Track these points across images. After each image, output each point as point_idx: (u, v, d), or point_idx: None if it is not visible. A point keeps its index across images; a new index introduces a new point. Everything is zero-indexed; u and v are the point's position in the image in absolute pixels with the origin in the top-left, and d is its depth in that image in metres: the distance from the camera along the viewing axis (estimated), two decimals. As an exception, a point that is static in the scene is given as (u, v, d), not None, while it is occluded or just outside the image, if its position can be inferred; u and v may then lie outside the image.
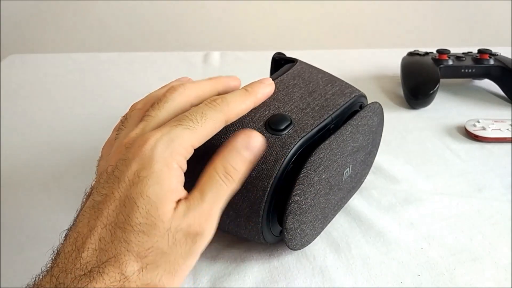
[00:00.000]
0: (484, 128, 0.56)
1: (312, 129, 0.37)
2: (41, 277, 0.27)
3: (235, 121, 0.36)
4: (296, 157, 0.35)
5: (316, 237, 0.40)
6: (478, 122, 0.58)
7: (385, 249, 0.40)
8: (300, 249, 0.38)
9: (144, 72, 0.80)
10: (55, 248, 0.28)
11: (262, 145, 0.31)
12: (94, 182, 0.30)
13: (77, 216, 0.28)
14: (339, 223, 0.43)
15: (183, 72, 0.77)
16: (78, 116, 0.64)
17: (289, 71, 0.43)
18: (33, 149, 0.56)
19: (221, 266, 0.38)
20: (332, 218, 0.42)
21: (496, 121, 0.58)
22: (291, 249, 0.37)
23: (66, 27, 1.22)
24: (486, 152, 0.54)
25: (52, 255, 0.28)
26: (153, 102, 0.32)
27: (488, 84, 0.70)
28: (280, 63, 0.50)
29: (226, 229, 0.37)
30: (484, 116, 0.60)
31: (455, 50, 0.69)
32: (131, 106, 0.34)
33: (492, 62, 0.66)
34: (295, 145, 0.35)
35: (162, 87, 0.36)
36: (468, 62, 0.66)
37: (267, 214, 0.35)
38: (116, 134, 0.32)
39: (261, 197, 0.34)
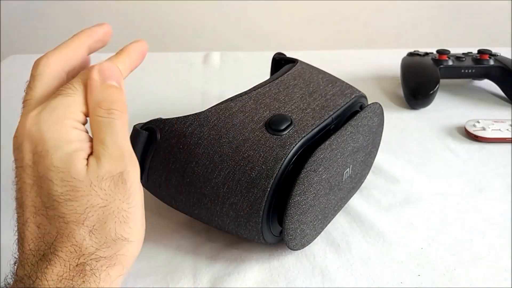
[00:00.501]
0: (484, 129, 0.56)
1: (312, 130, 0.37)
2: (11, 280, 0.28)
3: (234, 121, 0.36)
4: (297, 157, 0.35)
5: (316, 237, 0.40)
6: (478, 122, 0.58)
7: (385, 249, 0.40)
8: (300, 249, 0.38)
9: (144, 72, 0.79)
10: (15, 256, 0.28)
11: (112, 63, 0.31)
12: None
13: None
14: (339, 223, 0.43)
15: (184, 73, 0.77)
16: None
17: (289, 72, 0.43)
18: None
19: (221, 266, 0.38)
20: (332, 218, 0.42)
21: (496, 121, 0.58)
22: (291, 249, 0.37)
23: (66, 27, 1.22)
24: (486, 152, 0.54)
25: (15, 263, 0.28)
26: None
27: (488, 84, 0.70)
28: (280, 63, 0.50)
29: (226, 229, 0.37)
30: (484, 116, 0.60)
31: (455, 50, 0.69)
32: None
33: (492, 62, 0.66)
34: (295, 145, 0.35)
35: None
36: (468, 62, 0.66)
37: (267, 214, 0.35)
38: None
39: (261, 197, 0.34)
